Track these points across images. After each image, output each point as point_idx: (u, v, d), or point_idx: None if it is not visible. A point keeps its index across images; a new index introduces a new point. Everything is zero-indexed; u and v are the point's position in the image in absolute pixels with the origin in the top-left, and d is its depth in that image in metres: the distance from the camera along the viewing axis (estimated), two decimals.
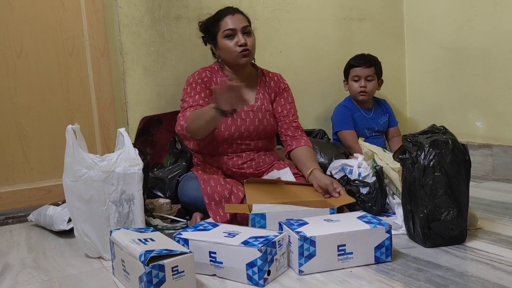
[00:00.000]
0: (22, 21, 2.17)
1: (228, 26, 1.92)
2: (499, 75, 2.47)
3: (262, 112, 2.01)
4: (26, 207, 2.18)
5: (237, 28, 1.92)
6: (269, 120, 2.03)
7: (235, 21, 1.93)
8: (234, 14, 1.94)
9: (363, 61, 2.48)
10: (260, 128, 2.00)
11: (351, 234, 1.39)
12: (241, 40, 1.91)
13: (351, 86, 2.51)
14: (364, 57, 2.51)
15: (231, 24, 1.92)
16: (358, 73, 2.47)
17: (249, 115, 1.98)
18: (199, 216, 1.88)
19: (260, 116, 2.00)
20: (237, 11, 1.97)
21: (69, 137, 1.55)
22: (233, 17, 1.93)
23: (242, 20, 1.95)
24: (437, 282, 1.27)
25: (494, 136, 2.53)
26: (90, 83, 2.31)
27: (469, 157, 1.54)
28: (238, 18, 1.94)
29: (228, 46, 1.93)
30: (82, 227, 1.56)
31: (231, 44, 1.92)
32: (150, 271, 1.18)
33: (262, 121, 2.01)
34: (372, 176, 1.91)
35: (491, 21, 2.47)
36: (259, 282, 1.29)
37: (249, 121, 1.98)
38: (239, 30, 1.92)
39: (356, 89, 2.48)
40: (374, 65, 2.48)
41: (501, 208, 1.93)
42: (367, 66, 2.46)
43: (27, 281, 1.45)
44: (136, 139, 2.21)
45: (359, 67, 2.47)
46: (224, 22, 1.93)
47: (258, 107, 2.01)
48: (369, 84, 2.47)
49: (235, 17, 1.94)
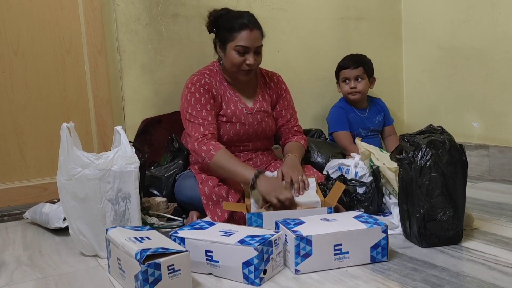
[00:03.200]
0: (19, 18, 2.16)
1: (243, 42, 1.84)
2: (495, 75, 2.48)
3: (261, 114, 2.00)
4: (22, 205, 2.17)
5: (251, 47, 1.86)
6: (267, 122, 2.02)
7: (251, 39, 1.85)
8: (253, 30, 1.85)
9: (351, 62, 2.49)
10: (258, 131, 1.99)
11: (348, 233, 1.39)
12: (251, 61, 1.86)
13: (342, 88, 2.52)
14: (351, 58, 2.52)
15: (247, 42, 1.84)
16: (346, 75, 2.49)
17: (248, 118, 1.97)
18: (195, 215, 1.87)
19: (259, 119, 1.99)
20: (256, 25, 1.88)
21: (64, 135, 1.55)
22: (251, 33, 1.85)
23: (258, 39, 1.88)
24: (433, 282, 1.28)
25: (491, 137, 2.54)
26: (87, 81, 2.30)
27: (465, 157, 1.54)
28: (256, 35, 1.86)
29: (235, 60, 1.87)
30: (77, 225, 1.56)
31: (239, 60, 1.86)
32: (146, 270, 1.18)
33: (261, 123, 2.00)
34: (368, 175, 1.91)
35: (488, 22, 2.48)
36: (255, 281, 1.29)
37: (248, 124, 1.97)
38: (252, 49, 1.86)
39: (347, 90, 2.49)
40: (362, 65, 2.49)
41: (497, 209, 1.94)
42: (354, 67, 2.47)
43: (22, 279, 1.44)
44: (135, 139, 2.21)
45: (347, 68, 2.49)
46: (241, 36, 1.84)
47: (257, 109, 1.99)
48: (359, 84, 2.47)
49: (253, 34, 1.85)
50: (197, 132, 1.83)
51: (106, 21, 2.27)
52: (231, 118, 1.94)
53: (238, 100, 1.97)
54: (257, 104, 2.01)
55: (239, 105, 1.96)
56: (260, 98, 2.02)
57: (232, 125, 1.94)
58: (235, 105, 1.96)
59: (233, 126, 1.94)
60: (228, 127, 1.94)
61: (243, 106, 1.97)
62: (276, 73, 2.13)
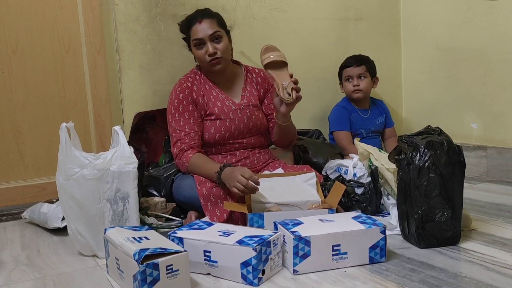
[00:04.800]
0: (18, 17, 2.16)
1: (195, 35, 1.90)
2: (494, 76, 2.48)
3: (249, 109, 2.02)
4: (20, 205, 2.17)
5: (205, 37, 1.89)
6: (257, 116, 2.03)
7: (202, 30, 1.89)
8: (201, 21, 1.90)
9: (353, 61, 2.54)
10: (250, 125, 2.00)
11: (346, 234, 1.39)
12: (209, 49, 1.89)
13: (345, 87, 2.55)
14: (354, 57, 2.56)
15: (198, 34, 1.89)
16: (349, 73, 2.52)
17: (237, 113, 1.99)
18: (194, 215, 1.87)
19: (248, 113, 2.01)
20: (205, 15, 1.92)
21: (63, 135, 1.54)
22: (200, 25, 1.89)
23: (210, 27, 1.90)
24: (431, 282, 1.28)
25: (489, 138, 2.54)
26: (86, 81, 2.30)
27: (463, 158, 1.54)
28: (206, 25, 1.90)
29: (198, 55, 1.93)
30: (76, 225, 1.56)
31: (201, 54, 1.91)
32: (144, 270, 1.18)
33: (251, 117, 2.01)
34: (367, 176, 1.91)
35: (487, 23, 2.48)
36: (254, 281, 1.29)
37: (238, 120, 1.98)
38: (207, 39, 1.89)
39: (350, 88, 2.52)
40: (364, 63, 2.53)
41: (495, 210, 1.94)
42: (357, 65, 2.51)
43: (20, 279, 1.44)
44: (130, 136, 2.21)
45: (350, 67, 2.53)
46: (193, 31, 1.91)
47: (245, 104, 2.01)
48: (362, 82, 2.51)
49: (202, 24, 1.89)
50: (174, 147, 1.93)
51: (105, 21, 2.27)
52: (220, 115, 1.96)
53: (224, 98, 2.00)
54: (245, 99, 2.03)
55: (227, 102, 1.99)
56: (247, 94, 2.04)
57: (222, 122, 1.95)
58: (222, 102, 1.98)
59: (223, 123, 1.96)
60: (218, 124, 1.95)
61: (230, 102, 1.99)
62: (262, 69, 2.14)
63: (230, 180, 1.69)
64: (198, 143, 1.93)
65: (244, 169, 1.70)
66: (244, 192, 1.66)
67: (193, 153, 1.89)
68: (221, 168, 1.76)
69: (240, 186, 1.64)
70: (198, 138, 1.93)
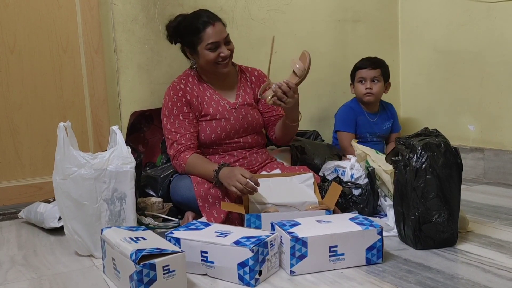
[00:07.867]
0: (16, 16, 2.15)
1: (211, 39, 1.89)
2: (491, 78, 2.49)
3: (244, 108, 2.02)
4: (17, 204, 2.16)
5: (220, 40, 1.90)
6: (253, 114, 2.03)
7: (217, 33, 1.90)
8: (215, 24, 1.90)
9: (368, 63, 2.46)
10: (245, 124, 2.00)
11: (343, 235, 1.39)
12: (225, 52, 1.91)
13: (357, 88, 2.48)
14: (370, 59, 2.49)
15: (215, 37, 1.89)
16: (363, 75, 2.45)
17: (233, 113, 1.99)
18: (191, 215, 1.87)
19: (244, 112, 2.01)
20: (216, 19, 1.93)
21: (60, 135, 1.54)
22: (214, 28, 1.89)
23: (223, 29, 1.93)
24: (428, 284, 1.28)
25: (486, 140, 2.55)
26: (84, 80, 2.29)
27: (461, 160, 1.54)
28: (219, 28, 1.91)
29: (210, 57, 1.91)
30: (72, 225, 1.56)
31: (214, 56, 1.91)
32: (141, 270, 1.17)
33: (246, 116, 2.01)
34: (364, 177, 1.91)
35: (485, 25, 2.49)
36: (250, 282, 1.29)
37: (233, 119, 1.98)
38: (222, 41, 1.91)
39: (362, 90, 2.45)
40: (380, 67, 2.46)
41: (492, 212, 1.95)
42: (372, 68, 2.44)
43: (16, 279, 1.44)
44: (127, 136, 2.20)
45: (364, 68, 2.45)
46: (207, 34, 1.89)
47: (240, 103, 2.02)
48: (375, 85, 2.44)
49: (216, 27, 1.90)
50: (171, 149, 1.93)
51: (103, 20, 2.26)
52: (215, 115, 1.96)
53: (219, 98, 2.00)
54: (239, 98, 2.03)
55: (221, 102, 1.99)
56: (242, 93, 2.05)
57: (217, 122, 1.96)
58: (216, 102, 1.99)
59: (218, 123, 1.96)
60: (214, 124, 1.95)
61: (225, 102, 2.00)
62: (256, 68, 2.15)
63: (229, 179, 1.69)
64: (195, 144, 1.93)
65: (243, 169, 1.70)
66: (243, 192, 1.66)
67: (189, 154, 1.89)
68: (219, 167, 1.76)
69: (239, 185, 1.64)
70: (194, 139, 1.93)
